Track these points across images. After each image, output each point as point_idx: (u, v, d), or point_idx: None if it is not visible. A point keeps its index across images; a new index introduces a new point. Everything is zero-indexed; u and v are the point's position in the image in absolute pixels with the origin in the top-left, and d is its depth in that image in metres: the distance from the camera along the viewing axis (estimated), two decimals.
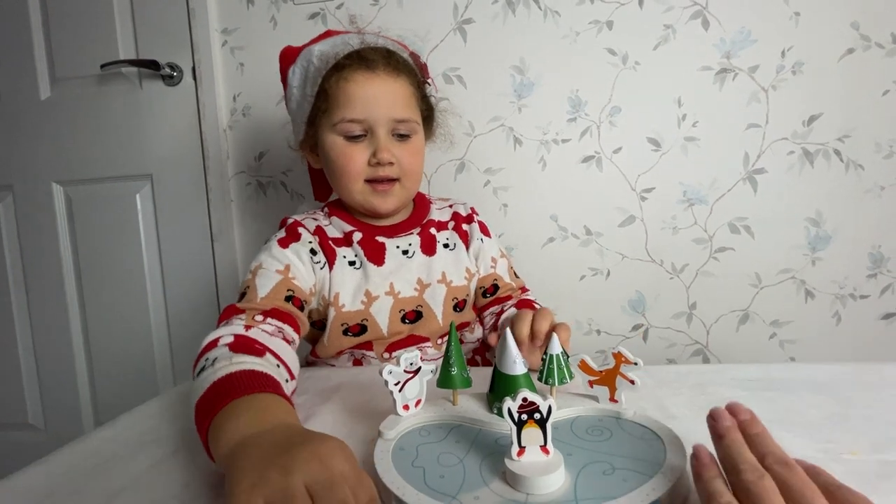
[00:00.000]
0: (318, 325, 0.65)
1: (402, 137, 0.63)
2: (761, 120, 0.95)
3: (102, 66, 1.05)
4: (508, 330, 0.41)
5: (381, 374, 0.38)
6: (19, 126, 1.15)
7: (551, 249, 1.02)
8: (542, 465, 0.30)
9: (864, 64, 0.91)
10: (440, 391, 0.41)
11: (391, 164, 0.62)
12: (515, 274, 0.76)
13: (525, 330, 0.52)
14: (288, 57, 0.66)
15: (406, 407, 0.39)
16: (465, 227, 0.73)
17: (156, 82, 1.09)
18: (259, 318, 0.53)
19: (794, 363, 0.52)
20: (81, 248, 1.16)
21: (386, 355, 0.64)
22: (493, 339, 0.63)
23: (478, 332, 0.73)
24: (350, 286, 0.63)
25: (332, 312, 0.62)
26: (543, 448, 0.31)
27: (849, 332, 0.96)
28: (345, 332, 0.63)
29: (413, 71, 0.65)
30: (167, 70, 1.06)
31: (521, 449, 0.31)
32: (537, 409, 0.31)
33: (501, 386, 0.39)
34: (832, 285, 0.97)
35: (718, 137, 0.96)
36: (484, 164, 1.02)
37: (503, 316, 0.68)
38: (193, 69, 1.06)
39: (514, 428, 0.31)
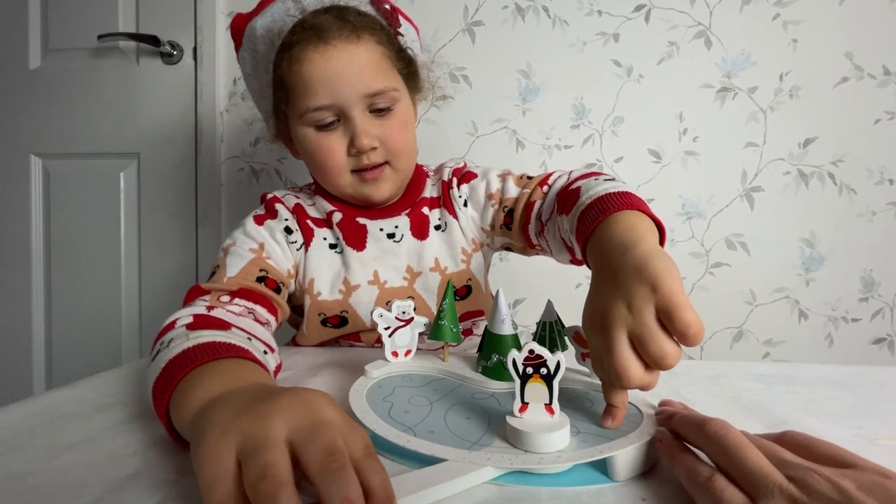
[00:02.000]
0: (300, 311, 0.59)
1: (383, 112, 0.53)
2: (759, 139, 0.96)
3: (100, 38, 1.02)
4: (500, 290, 0.39)
5: (371, 314, 0.39)
6: (2, 94, 1.10)
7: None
8: (545, 422, 0.29)
9: (857, 92, 0.94)
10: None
11: (374, 148, 0.53)
12: (529, 176, 0.61)
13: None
14: (236, 34, 0.57)
15: (395, 354, 0.40)
16: (451, 198, 0.61)
17: (154, 60, 1.06)
18: (225, 298, 0.46)
19: (807, 364, 0.50)
20: (54, 224, 1.09)
21: (377, 346, 0.60)
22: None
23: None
24: (328, 272, 0.57)
25: (307, 300, 0.56)
26: (548, 407, 0.29)
27: (840, 355, 0.96)
28: (323, 323, 0.57)
29: (377, 24, 0.54)
30: (167, 48, 1.03)
31: (524, 405, 0.29)
32: (544, 364, 0.29)
33: (489, 346, 0.39)
34: (825, 307, 0.97)
35: (718, 153, 0.97)
36: (485, 165, 1.01)
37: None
38: (195, 49, 1.04)
39: (518, 381, 0.29)
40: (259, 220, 0.56)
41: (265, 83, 0.56)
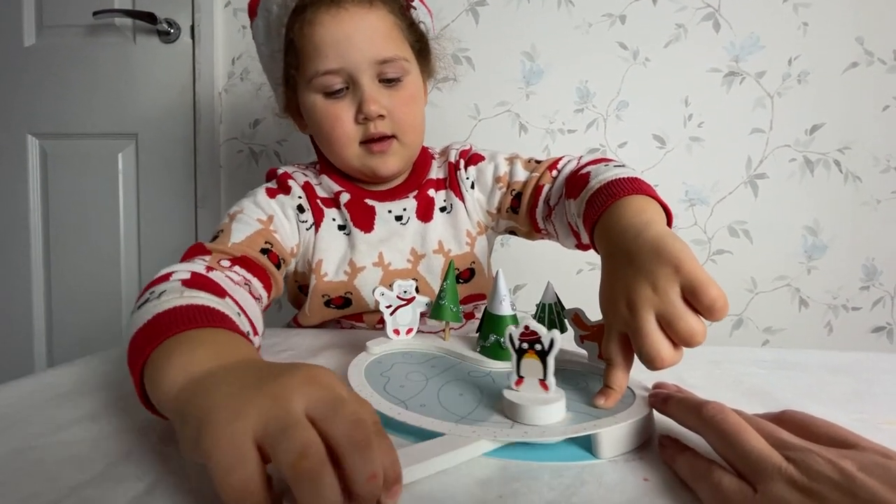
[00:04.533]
0: (305, 289, 0.58)
1: (392, 83, 0.53)
2: (765, 125, 0.95)
3: (95, 14, 1.00)
4: (500, 270, 0.39)
5: (373, 293, 0.39)
6: None
7: (549, 242, 1.00)
8: (541, 397, 0.29)
9: (866, 78, 0.93)
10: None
11: (381, 116, 0.52)
12: (537, 160, 0.60)
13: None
14: (252, 8, 0.57)
15: (396, 332, 0.40)
16: (457, 179, 0.61)
17: (150, 38, 1.04)
18: (226, 262, 0.45)
19: (807, 350, 0.50)
20: (53, 205, 1.08)
21: (379, 327, 0.59)
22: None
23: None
24: (336, 253, 0.56)
25: (313, 280, 0.55)
26: (542, 382, 0.29)
27: (840, 344, 0.96)
28: (326, 304, 0.57)
29: None
30: (164, 26, 1.01)
31: (520, 378, 0.30)
32: (539, 340, 0.29)
33: (488, 326, 0.38)
34: (826, 295, 0.97)
35: (723, 140, 0.96)
36: (491, 149, 1.00)
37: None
38: (192, 28, 1.02)
39: (514, 356, 0.30)
40: (271, 194, 0.55)
41: (276, 48, 0.54)
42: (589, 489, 0.24)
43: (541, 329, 0.29)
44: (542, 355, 0.29)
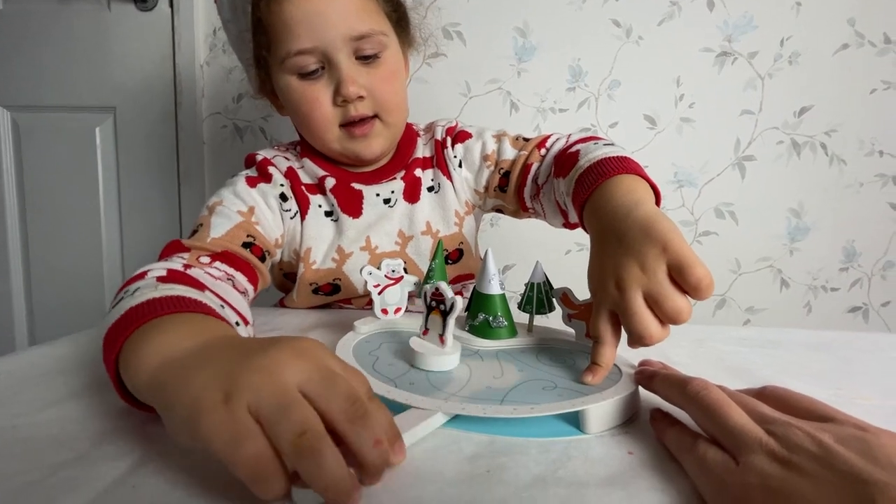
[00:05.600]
0: (292, 277, 0.57)
1: (370, 59, 0.50)
2: (755, 107, 0.95)
3: None
4: (489, 250, 0.39)
5: (360, 272, 0.39)
6: None
7: (538, 221, 1.00)
8: (436, 348, 0.33)
9: (856, 60, 0.93)
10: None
11: (361, 97, 0.50)
12: (525, 138, 0.59)
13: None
14: None
15: (385, 311, 0.41)
16: (444, 158, 0.59)
17: (126, 5, 0.99)
18: (205, 259, 0.43)
19: (788, 329, 0.51)
20: (28, 181, 1.05)
21: (368, 308, 0.59)
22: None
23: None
24: (324, 241, 0.55)
25: (300, 269, 0.54)
26: (441, 338, 0.33)
27: (818, 323, 0.99)
28: (315, 292, 0.56)
29: None
30: None
31: (426, 330, 0.34)
32: (443, 301, 0.33)
33: (476, 305, 0.39)
34: (806, 276, 0.99)
35: (713, 121, 0.96)
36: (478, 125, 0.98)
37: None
38: None
39: (425, 310, 0.34)
40: (252, 182, 0.52)
41: (244, 27, 0.51)
42: (575, 463, 0.25)
43: (447, 293, 0.32)
44: (444, 314, 0.33)
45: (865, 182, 0.96)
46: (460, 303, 0.32)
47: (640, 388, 0.31)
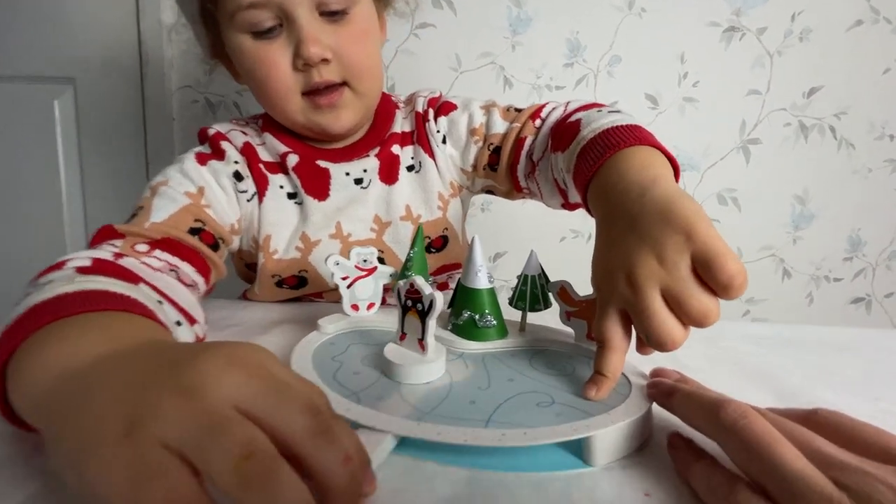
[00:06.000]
0: (253, 267, 0.51)
1: (336, 16, 0.43)
2: (762, 87, 0.90)
3: None
4: (476, 237, 0.33)
5: (325, 262, 0.34)
6: None
7: (532, 208, 0.94)
8: (416, 356, 0.29)
9: (869, 38, 0.87)
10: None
11: (325, 61, 0.42)
12: (517, 109, 0.52)
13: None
14: None
15: (355, 307, 0.35)
16: (426, 132, 0.52)
17: None
18: (142, 247, 0.37)
19: (802, 325, 0.47)
20: None
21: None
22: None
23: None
24: (286, 227, 0.49)
25: (261, 258, 0.48)
26: (420, 342, 0.29)
27: (819, 315, 0.96)
28: (278, 285, 0.49)
29: None
30: None
31: (403, 334, 0.30)
32: (420, 300, 0.28)
33: (461, 300, 0.34)
34: (809, 266, 0.95)
35: (718, 101, 0.90)
36: (465, 95, 0.92)
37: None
38: None
39: (400, 311, 0.29)
40: (202, 160, 0.46)
41: None
42: None
43: (424, 289, 0.28)
44: (423, 315, 0.28)
45: (874, 167, 0.91)
46: (440, 299, 0.27)
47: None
